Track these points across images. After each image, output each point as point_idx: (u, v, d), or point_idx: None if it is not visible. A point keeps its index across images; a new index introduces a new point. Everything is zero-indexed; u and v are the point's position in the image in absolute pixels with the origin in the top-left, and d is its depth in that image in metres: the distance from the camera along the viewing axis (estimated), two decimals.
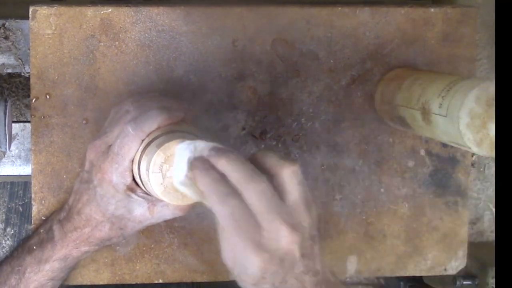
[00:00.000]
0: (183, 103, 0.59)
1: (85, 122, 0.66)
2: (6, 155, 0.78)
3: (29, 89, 0.66)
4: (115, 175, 0.55)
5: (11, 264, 0.61)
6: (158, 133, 0.53)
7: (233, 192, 0.47)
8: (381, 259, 0.72)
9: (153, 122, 0.53)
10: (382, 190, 0.71)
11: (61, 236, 0.59)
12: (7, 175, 0.79)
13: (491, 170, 0.89)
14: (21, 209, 1.25)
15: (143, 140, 0.54)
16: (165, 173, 0.51)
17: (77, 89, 0.66)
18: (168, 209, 0.57)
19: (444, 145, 0.71)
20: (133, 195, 0.56)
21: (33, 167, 0.66)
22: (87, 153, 0.58)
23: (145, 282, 0.69)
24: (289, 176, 0.48)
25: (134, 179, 0.56)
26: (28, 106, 1.04)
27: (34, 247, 0.60)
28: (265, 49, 0.68)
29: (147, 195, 0.57)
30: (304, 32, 0.68)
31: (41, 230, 0.62)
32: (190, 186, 0.50)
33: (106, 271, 0.68)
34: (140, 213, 0.57)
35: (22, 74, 0.77)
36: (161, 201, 0.56)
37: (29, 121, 0.69)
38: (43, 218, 0.65)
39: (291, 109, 0.69)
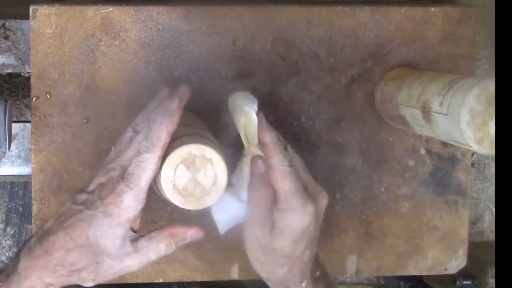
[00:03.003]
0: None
1: (85, 121, 0.66)
2: (6, 155, 0.78)
3: (29, 89, 0.66)
4: (128, 197, 0.52)
5: None
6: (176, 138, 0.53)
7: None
8: (382, 259, 0.72)
9: (161, 133, 0.52)
10: (382, 189, 0.71)
11: (26, 265, 0.52)
12: (7, 175, 0.79)
13: (491, 170, 0.89)
14: (21, 209, 1.25)
15: (160, 157, 0.51)
16: (179, 173, 0.51)
17: (78, 88, 0.66)
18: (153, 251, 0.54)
19: (444, 144, 0.71)
20: (128, 244, 0.53)
21: (33, 166, 0.66)
22: (97, 176, 0.54)
23: (145, 282, 0.69)
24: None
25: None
26: (28, 106, 1.05)
27: (0, 284, 0.53)
28: (265, 48, 0.68)
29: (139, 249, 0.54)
30: (304, 31, 0.68)
31: (10, 263, 0.55)
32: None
33: None
34: (130, 261, 0.53)
35: (22, 74, 0.77)
36: (147, 245, 0.53)
37: (29, 121, 0.69)
38: (38, 220, 0.64)
39: (291, 108, 0.69)
